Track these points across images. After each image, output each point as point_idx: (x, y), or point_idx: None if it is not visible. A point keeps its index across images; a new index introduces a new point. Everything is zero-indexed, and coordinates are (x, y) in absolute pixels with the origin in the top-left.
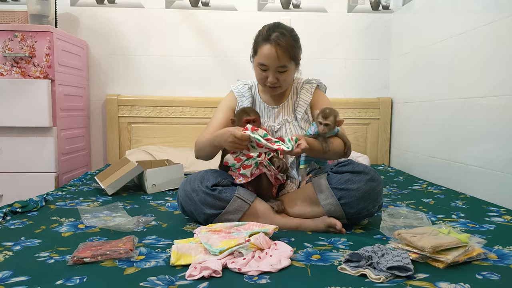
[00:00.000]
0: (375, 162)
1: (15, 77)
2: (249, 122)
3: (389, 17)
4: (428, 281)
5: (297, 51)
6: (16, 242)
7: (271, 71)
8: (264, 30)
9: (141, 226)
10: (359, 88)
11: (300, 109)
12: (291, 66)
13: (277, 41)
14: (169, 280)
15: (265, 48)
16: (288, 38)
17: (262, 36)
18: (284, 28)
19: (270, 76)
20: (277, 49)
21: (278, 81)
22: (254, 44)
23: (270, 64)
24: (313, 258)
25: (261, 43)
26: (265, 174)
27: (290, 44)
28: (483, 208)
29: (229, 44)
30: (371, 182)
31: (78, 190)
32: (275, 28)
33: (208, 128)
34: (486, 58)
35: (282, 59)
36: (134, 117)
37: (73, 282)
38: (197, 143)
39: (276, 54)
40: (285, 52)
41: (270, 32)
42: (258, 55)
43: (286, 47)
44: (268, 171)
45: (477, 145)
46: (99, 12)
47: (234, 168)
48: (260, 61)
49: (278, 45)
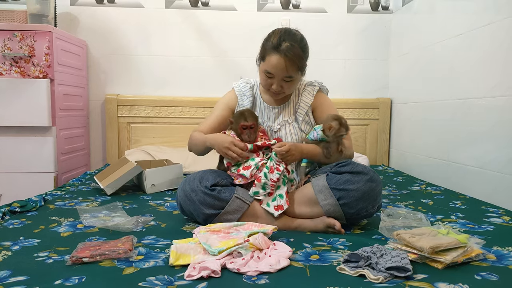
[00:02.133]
0: (374, 162)
1: (15, 76)
2: (246, 128)
3: (389, 18)
4: (427, 282)
5: (304, 62)
6: (15, 242)
7: (276, 80)
8: (275, 38)
9: (140, 226)
10: (358, 89)
11: (301, 111)
12: (298, 76)
13: (286, 53)
14: (168, 280)
15: (273, 58)
16: (297, 50)
17: (271, 44)
18: (295, 38)
19: (275, 84)
20: (286, 61)
21: (282, 89)
22: (262, 50)
23: (277, 74)
24: (312, 258)
25: (270, 51)
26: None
27: (299, 56)
28: (482, 208)
29: (229, 44)
30: (370, 182)
31: (77, 190)
32: (286, 38)
33: (204, 124)
34: (484, 59)
35: (290, 71)
36: (134, 117)
37: (72, 282)
38: (191, 137)
39: (285, 66)
40: (293, 64)
41: (280, 42)
42: (265, 62)
43: (294, 59)
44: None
45: (476, 146)
46: (98, 11)
47: (234, 169)
48: (267, 69)
49: (286, 57)
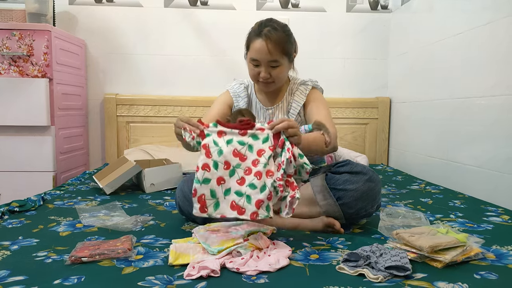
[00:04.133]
0: (373, 161)
1: (13, 76)
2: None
3: (388, 17)
4: (426, 281)
5: (289, 46)
6: (14, 242)
7: (263, 66)
8: (256, 25)
9: (139, 225)
10: (357, 88)
11: (293, 112)
12: (284, 62)
13: (268, 35)
14: (167, 279)
15: (256, 43)
16: (279, 33)
17: (254, 32)
18: (276, 23)
19: (262, 71)
20: (268, 43)
21: (270, 77)
22: (247, 40)
23: (262, 59)
24: (312, 257)
25: (252, 38)
26: None
27: (281, 38)
28: (481, 207)
29: (228, 43)
30: (370, 182)
31: (76, 189)
32: (267, 23)
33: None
34: (483, 58)
35: (274, 54)
36: (133, 116)
37: (71, 281)
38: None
39: (267, 48)
40: (277, 46)
41: (262, 28)
42: (250, 50)
43: (277, 41)
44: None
45: (475, 145)
46: (97, 10)
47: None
48: (252, 56)
49: (269, 39)
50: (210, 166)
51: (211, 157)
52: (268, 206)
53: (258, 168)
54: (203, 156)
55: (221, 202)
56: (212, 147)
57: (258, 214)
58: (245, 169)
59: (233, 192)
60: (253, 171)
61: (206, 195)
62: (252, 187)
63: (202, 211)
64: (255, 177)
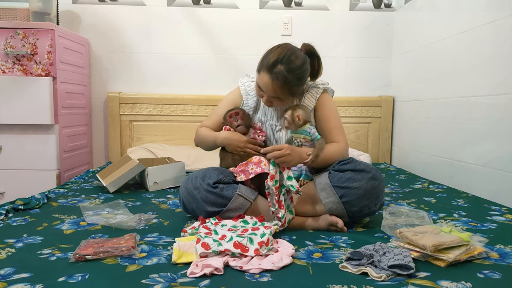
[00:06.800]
0: (376, 160)
1: (17, 74)
2: (231, 116)
3: (391, 15)
4: (430, 280)
5: (297, 88)
6: (19, 239)
7: (266, 96)
8: (274, 56)
9: (143, 223)
10: (360, 86)
11: None
12: (288, 99)
13: (277, 76)
14: (171, 277)
15: (264, 77)
16: (290, 76)
17: (267, 62)
18: (292, 64)
19: (264, 99)
20: (274, 84)
21: (272, 104)
22: (260, 63)
23: (266, 91)
24: (315, 256)
25: (264, 68)
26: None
27: (290, 82)
28: (485, 207)
29: (231, 42)
30: (373, 180)
31: (79, 187)
32: (283, 60)
33: (210, 119)
34: (488, 56)
35: (278, 93)
36: (136, 115)
37: (75, 279)
38: (199, 133)
39: (272, 88)
40: (282, 89)
41: (276, 64)
42: (259, 76)
43: (284, 85)
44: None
45: (479, 144)
46: (100, 9)
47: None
48: (258, 83)
49: (276, 80)
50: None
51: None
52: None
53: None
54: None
55: (224, 245)
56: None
57: (261, 253)
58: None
59: (235, 237)
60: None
61: (209, 242)
62: (253, 235)
63: (206, 248)
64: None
